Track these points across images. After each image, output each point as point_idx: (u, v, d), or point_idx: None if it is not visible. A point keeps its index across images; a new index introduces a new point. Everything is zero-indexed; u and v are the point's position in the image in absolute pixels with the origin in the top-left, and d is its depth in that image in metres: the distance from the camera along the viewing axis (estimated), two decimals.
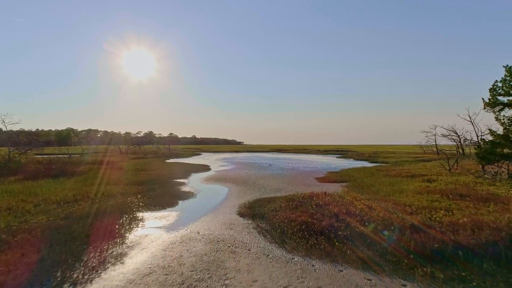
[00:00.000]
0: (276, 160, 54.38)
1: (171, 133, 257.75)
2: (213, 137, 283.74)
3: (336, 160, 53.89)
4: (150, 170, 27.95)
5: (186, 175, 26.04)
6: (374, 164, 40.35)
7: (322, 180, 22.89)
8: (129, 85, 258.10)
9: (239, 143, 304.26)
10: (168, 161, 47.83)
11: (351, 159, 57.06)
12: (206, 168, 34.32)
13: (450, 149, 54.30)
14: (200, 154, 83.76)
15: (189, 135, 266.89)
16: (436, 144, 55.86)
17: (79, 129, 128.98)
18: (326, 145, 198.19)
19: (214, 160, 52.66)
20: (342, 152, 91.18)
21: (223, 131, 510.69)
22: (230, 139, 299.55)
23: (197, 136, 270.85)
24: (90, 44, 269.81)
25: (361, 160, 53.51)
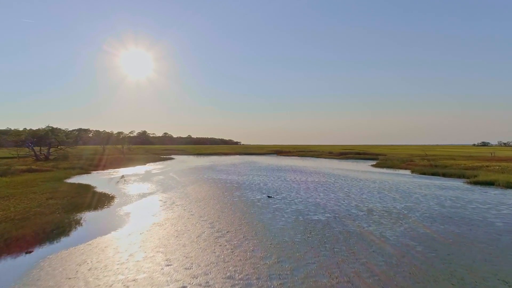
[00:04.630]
0: (280, 173, 30.17)
1: (165, 133, 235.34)
2: (209, 136, 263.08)
3: (389, 175, 29.69)
4: None
5: None
6: None
7: None
8: (127, 85, 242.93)
9: (236, 143, 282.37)
10: (71, 180, 24.17)
11: (408, 171, 33.40)
12: (75, 229, 10.65)
13: None
14: (172, 159, 59.68)
15: (186, 135, 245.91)
16: None
17: (70, 129, 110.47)
18: (333, 145, 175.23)
19: (167, 177, 28.55)
20: (367, 155, 66.98)
21: (221, 131, 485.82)
22: (227, 139, 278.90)
23: (193, 136, 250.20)
24: (88, 44, 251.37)
25: (434, 175, 29.84)
